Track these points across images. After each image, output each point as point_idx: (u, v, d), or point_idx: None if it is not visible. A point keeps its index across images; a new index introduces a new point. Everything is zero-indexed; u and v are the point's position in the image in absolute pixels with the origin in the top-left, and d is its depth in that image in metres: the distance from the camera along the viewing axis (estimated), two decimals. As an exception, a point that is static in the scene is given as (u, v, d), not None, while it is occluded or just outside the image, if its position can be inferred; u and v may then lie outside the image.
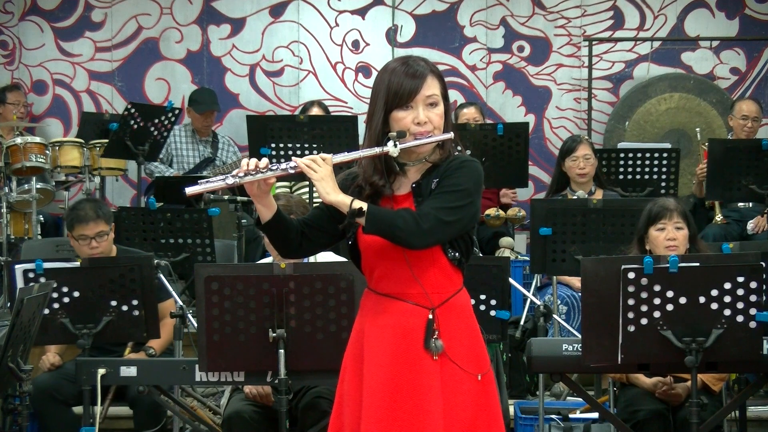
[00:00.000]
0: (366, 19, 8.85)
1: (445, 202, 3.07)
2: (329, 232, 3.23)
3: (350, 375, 3.19)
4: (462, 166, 3.12)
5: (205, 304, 4.06)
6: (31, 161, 7.30)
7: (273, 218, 3.15)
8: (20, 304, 4.01)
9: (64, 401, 5.12)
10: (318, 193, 3.08)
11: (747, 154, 6.73)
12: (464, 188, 3.09)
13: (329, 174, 3.08)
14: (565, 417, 5.12)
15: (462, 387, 3.12)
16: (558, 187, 6.55)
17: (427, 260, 3.12)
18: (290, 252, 3.26)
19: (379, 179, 3.15)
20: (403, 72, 3.11)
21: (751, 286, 3.94)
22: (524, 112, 8.73)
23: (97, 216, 5.22)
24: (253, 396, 4.65)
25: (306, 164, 3.08)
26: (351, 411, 3.15)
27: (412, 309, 3.13)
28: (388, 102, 3.11)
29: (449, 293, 3.16)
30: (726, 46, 8.72)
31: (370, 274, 3.21)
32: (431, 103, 3.13)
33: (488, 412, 3.16)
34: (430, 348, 3.10)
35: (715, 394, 4.76)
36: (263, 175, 3.08)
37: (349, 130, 6.59)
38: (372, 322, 3.16)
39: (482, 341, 3.23)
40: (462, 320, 3.18)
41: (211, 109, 8.15)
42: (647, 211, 4.71)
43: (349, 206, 3.05)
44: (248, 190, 3.12)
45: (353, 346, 3.22)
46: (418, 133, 3.11)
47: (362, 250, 3.21)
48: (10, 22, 8.87)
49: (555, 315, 5.47)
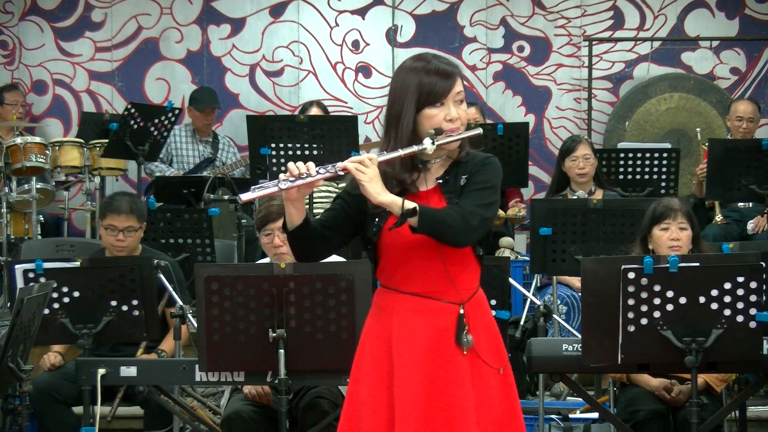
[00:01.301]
0: (366, 19, 8.85)
1: (482, 199, 3.13)
2: (345, 233, 3.24)
3: (370, 377, 3.18)
4: (487, 162, 3.20)
5: (205, 304, 4.06)
6: (31, 161, 7.30)
7: (303, 223, 3.14)
8: (20, 304, 4.01)
9: (64, 401, 5.11)
10: (368, 194, 3.07)
11: (747, 154, 6.73)
12: (493, 184, 3.18)
13: (377, 175, 3.08)
14: (565, 417, 5.12)
15: (489, 381, 3.16)
16: (558, 187, 6.55)
17: (460, 258, 3.16)
18: (309, 257, 3.28)
19: (409, 176, 3.17)
20: (433, 71, 3.14)
21: (751, 286, 3.94)
22: (524, 112, 8.73)
23: (130, 210, 5.27)
24: (253, 396, 4.65)
25: (354, 166, 3.08)
26: (374, 413, 3.14)
27: (445, 307, 3.15)
28: (420, 100, 3.13)
29: (474, 288, 3.21)
30: (726, 46, 8.72)
31: (392, 274, 3.20)
32: (459, 100, 3.18)
33: (510, 404, 3.21)
34: (462, 343, 3.13)
35: (716, 395, 4.76)
36: (313, 178, 3.09)
37: (349, 130, 6.59)
38: (401, 322, 3.16)
39: (500, 335, 3.27)
40: (484, 315, 3.23)
41: (212, 106, 8.15)
42: (651, 211, 4.70)
43: (400, 206, 3.05)
44: (288, 195, 3.11)
45: (373, 346, 3.20)
46: (450, 130, 3.15)
47: (385, 250, 3.20)
48: (10, 22, 8.87)
49: (555, 315, 5.46)
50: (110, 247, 5.31)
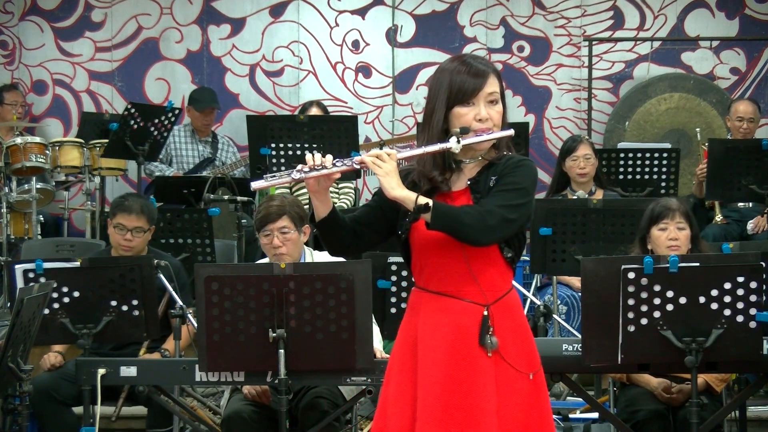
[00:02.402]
0: (366, 19, 8.85)
1: (507, 200, 3.09)
2: (379, 230, 3.25)
3: (398, 375, 3.18)
4: (520, 164, 3.15)
5: (205, 304, 4.06)
6: (31, 161, 7.31)
7: (329, 215, 3.15)
8: (20, 304, 4.01)
9: (64, 401, 5.11)
10: (383, 187, 3.07)
11: (747, 154, 6.73)
12: (524, 186, 3.12)
13: (394, 169, 3.07)
14: (565, 417, 5.12)
15: (515, 386, 3.13)
16: (558, 187, 6.55)
17: (484, 258, 3.13)
18: (341, 250, 3.28)
19: (439, 174, 3.16)
20: (465, 70, 3.13)
21: (751, 286, 3.93)
22: (524, 112, 8.73)
23: (141, 211, 5.28)
24: (252, 396, 4.65)
25: (371, 160, 3.07)
26: (399, 411, 3.14)
27: (468, 307, 3.13)
28: (450, 98, 3.13)
29: (502, 291, 3.17)
30: (726, 46, 8.72)
31: (420, 272, 3.20)
32: (492, 101, 3.15)
33: (540, 411, 3.17)
34: (485, 344, 3.10)
35: (716, 395, 4.76)
36: (328, 170, 3.09)
37: (348, 130, 6.59)
38: (425, 320, 3.16)
39: (533, 340, 3.24)
40: (514, 319, 3.19)
41: (211, 107, 8.15)
42: (650, 211, 4.71)
43: (414, 202, 3.04)
44: (308, 186, 3.12)
45: (402, 345, 3.21)
46: (479, 130, 3.13)
47: (414, 247, 3.20)
48: (10, 22, 8.87)
49: (555, 315, 5.47)
50: (117, 247, 5.31)
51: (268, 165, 6.49)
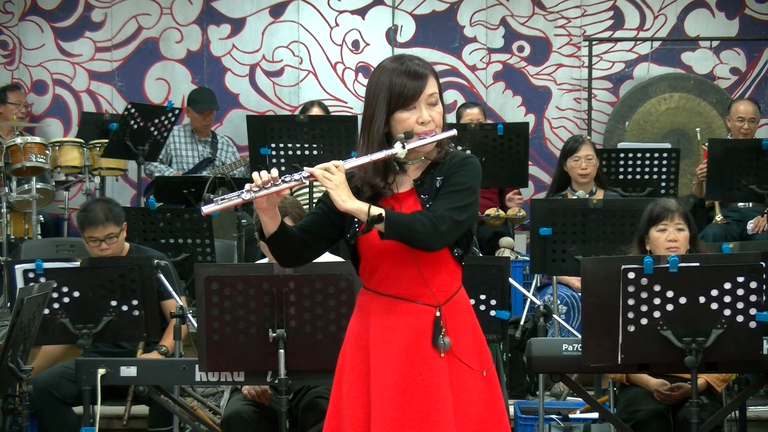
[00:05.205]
0: (366, 19, 8.85)
1: (455, 202, 3.08)
2: (329, 237, 3.23)
3: (350, 377, 3.18)
4: (464, 163, 3.14)
5: (205, 304, 4.06)
6: (31, 161, 7.30)
7: (277, 230, 3.13)
8: (20, 304, 4.01)
9: (64, 401, 5.12)
10: (334, 200, 3.05)
11: (747, 154, 6.73)
12: (470, 186, 3.12)
13: (344, 181, 3.05)
14: (565, 417, 5.11)
15: (469, 384, 3.13)
16: (559, 186, 6.55)
17: (434, 259, 3.13)
18: (292, 262, 3.28)
19: (380, 181, 3.14)
20: (403, 72, 3.10)
21: (751, 286, 3.94)
22: (524, 112, 8.73)
23: (106, 219, 5.22)
24: (252, 396, 4.65)
25: (321, 173, 3.05)
26: (353, 413, 3.14)
27: (420, 309, 3.13)
28: (391, 103, 3.10)
29: (453, 290, 3.18)
30: (726, 46, 8.72)
31: (370, 275, 3.20)
32: (432, 103, 3.14)
33: (495, 407, 3.18)
34: (438, 345, 3.11)
35: (716, 395, 4.76)
36: (277, 187, 3.05)
37: (349, 130, 6.59)
38: (377, 323, 3.15)
39: (483, 337, 3.24)
40: (464, 317, 3.19)
41: (210, 108, 8.15)
42: (648, 212, 4.71)
43: (366, 213, 3.03)
44: (257, 204, 3.09)
45: (354, 347, 3.21)
46: (423, 133, 3.11)
47: (363, 252, 3.19)
48: (10, 22, 8.87)
49: (555, 315, 5.46)
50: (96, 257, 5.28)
51: (268, 165, 6.49)
